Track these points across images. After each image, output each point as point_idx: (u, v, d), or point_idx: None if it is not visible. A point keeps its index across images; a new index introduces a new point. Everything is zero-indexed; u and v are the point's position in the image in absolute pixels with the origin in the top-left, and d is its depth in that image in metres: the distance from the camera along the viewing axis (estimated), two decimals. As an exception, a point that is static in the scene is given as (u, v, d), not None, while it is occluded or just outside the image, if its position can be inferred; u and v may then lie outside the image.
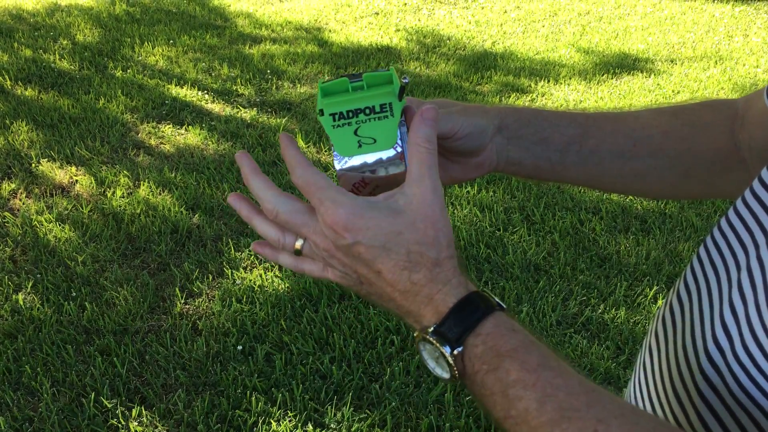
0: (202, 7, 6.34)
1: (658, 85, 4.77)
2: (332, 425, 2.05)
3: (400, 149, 0.60)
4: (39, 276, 2.65)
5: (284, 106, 4.26)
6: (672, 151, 0.74)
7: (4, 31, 5.36)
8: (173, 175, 3.38)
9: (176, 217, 3.02)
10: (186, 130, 3.88)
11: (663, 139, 0.74)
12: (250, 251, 2.81)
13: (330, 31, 5.83)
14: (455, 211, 3.11)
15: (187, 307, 2.54)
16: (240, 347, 2.32)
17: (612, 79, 4.88)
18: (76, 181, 3.32)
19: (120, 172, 3.38)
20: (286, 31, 5.82)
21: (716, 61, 5.25)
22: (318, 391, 2.16)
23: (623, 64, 5.15)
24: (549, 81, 4.78)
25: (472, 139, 0.67)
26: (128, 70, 4.69)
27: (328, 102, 0.59)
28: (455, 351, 0.51)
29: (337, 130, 0.59)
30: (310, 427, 2.04)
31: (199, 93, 4.38)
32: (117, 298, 2.55)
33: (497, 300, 0.54)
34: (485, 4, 6.83)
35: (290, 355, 2.29)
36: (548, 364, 0.49)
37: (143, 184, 3.27)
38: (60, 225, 2.96)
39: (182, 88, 4.45)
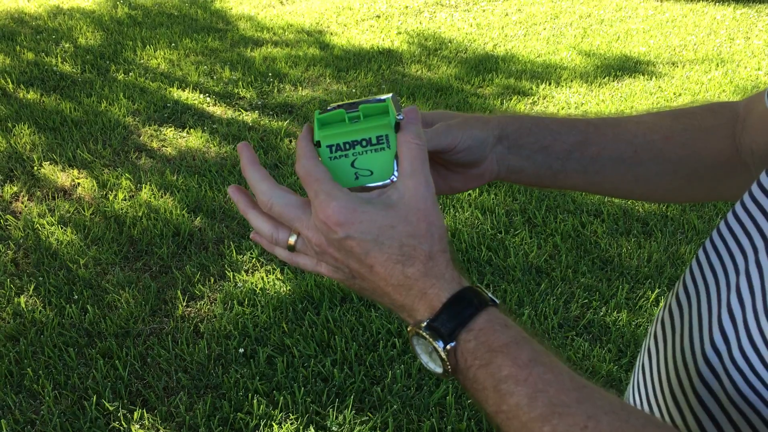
0: (203, 11, 6.36)
1: (660, 87, 4.77)
2: (334, 428, 2.05)
3: (396, 180, 0.61)
4: (41, 279, 2.66)
5: (286, 109, 4.27)
6: (674, 156, 0.74)
7: (6, 35, 5.38)
8: (175, 178, 3.38)
9: (178, 220, 3.03)
10: (188, 133, 3.89)
11: (664, 145, 0.74)
12: (251, 254, 2.81)
13: (331, 34, 5.84)
14: (457, 214, 3.12)
15: (189, 309, 2.54)
16: (242, 350, 2.32)
17: (613, 81, 4.88)
18: (78, 184, 3.33)
19: (122, 175, 3.38)
20: (287, 34, 5.83)
21: (717, 64, 5.24)
22: (320, 394, 2.16)
23: (624, 67, 5.15)
24: (550, 84, 4.78)
25: (472, 152, 0.67)
26: (130, 73, 4.70)
27: (325, 134, 0.59)
28: (448, 346, 0.52)
29: (334, 161, 0.59)
30: (312, 430, 2.04)
31: (201, 96, 4.39)
32: (119, 300, 2.56)
33: (490, 295, 0.54)
34: (487, 7, 6.84)
35: (292, 358, 2.29)
36: (540, 360, 0.50)
37: (145, 187, 3.28)
38: (62, 228, 2.97)
39: (184, 91, 4.45)
